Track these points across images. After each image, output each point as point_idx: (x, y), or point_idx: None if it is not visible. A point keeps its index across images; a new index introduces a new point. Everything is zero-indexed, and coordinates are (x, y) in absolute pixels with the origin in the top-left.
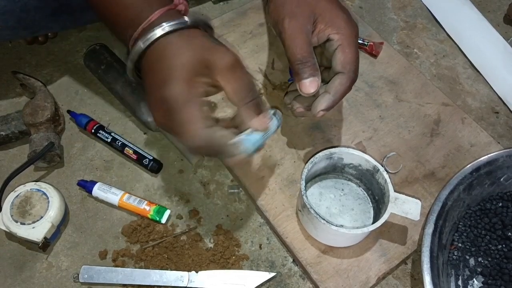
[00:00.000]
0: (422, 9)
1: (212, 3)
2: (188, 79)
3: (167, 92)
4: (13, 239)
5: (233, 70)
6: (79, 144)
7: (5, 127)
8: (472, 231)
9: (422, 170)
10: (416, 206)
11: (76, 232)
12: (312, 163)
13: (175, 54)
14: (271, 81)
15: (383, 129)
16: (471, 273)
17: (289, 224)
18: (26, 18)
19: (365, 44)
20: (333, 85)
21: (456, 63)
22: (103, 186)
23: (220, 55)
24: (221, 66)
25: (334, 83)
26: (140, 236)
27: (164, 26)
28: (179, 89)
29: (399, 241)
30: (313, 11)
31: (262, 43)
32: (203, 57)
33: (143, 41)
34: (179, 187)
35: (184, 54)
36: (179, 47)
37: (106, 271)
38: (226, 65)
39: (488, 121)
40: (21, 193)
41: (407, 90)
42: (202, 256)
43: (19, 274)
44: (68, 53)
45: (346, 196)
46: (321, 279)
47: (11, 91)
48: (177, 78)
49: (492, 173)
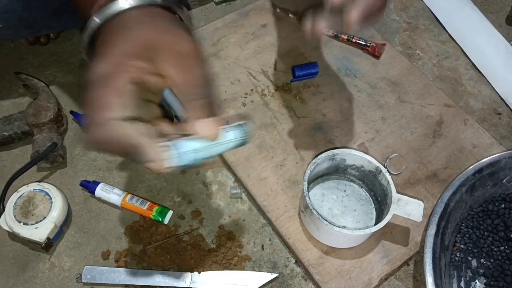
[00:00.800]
0: (424, 10)
1: (214, 4)
2: (118, 59)
3: (93, 67)
4: (16, 240)
5: (186, 58)
6: (81, 144)
7: (8, 128)
8: (474, 232)
9: (424, 171)
10: (419, 207)
11: (78, 232)
12: (314, 164)
13: (123, 30)
14: (273, 82)
15: (386, 130)
16: (474, 275)
17: (292, 225)
18: (27, 18)
19: (367, 45)
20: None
21: (458, 64)
22: (106, 186)
23: (176, 39)
24: (173, 51)
25: None
26: (143, 237)
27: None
28: (105, 66)
29: (401, 242)
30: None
31: (265, 44)
32: (152, 38)
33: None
34: (181, 187)
35: (131, 32)
36: (131, 24)
37: (109, 272)
38: (179, 51)
39: (491, 122)
40: (24, 194)
41: (409, 91)
42: (205, 256)
43: (22, 274)
44: (70, 54)
45: (349, 197)
46: (323, 280)
47: (14, 92)
48: (107, 55)
49: (495, 174)
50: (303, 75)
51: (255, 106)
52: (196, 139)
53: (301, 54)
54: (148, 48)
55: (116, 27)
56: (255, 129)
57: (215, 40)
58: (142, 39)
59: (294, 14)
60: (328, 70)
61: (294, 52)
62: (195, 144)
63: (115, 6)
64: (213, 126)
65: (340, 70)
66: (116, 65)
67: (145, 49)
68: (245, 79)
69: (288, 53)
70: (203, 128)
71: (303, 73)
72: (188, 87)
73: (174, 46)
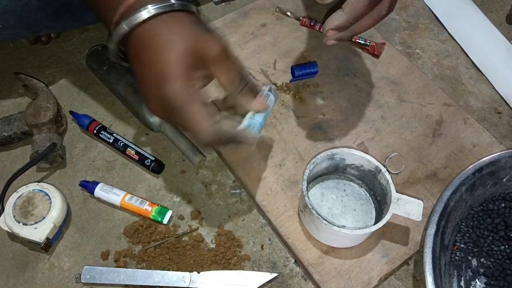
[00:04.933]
0: (424, 9)
1: (214, 4)
2: (186, 76)
3: (166, 91)
4: (15, 240)
5: (224, 60)
6: (81, 144)
7: (8, 128)
8: (474, 231)
9: (424, 170)
10: (418, 206)
11: (78, 232)
12: (314, 163)
13: (167, 46)
14: (273, 81)
15: (385, 130)
16: (474, 274)
17: (291, 225)
18: (27, 18)
19: (367, 44)
20: (349, 2)
21: (458, 63)
22: (105, 186)
23: (210, 45)
24: (213, 56)
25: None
26: (142, 237)
27: (149, 8)
28: (180, 88)
29: (401, 242)
30: None
31: (264, 44)
32: (196, 48)
33: (127, 23)
34: (181, 187)
35: (176, 46)
36: (169, 37)
37: (108, 272)
38: (217, 55)
39: (491, 121)
40: (23, 194)
41: (409, 91)
42: (204, 256)
43: (22, 275)
44: (70, 54)
45: (348, 197)
46: (323, 279)
47: (13, 92)
48: (175, 76)
49: (495, 173)
50: (303, 75)
51: None
52: (257, 114)
53: (301, 54)
54: (196, 58)
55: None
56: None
57: None
58: (188, 51)
59: (292, 13)
60: (328, 70)
61: (293, 52)
62: (259, 118)
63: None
64: (263, 102)
65: (340, 70)
66: (187, 81)
67: (195, 61)
68: None
69: (288, 53)
70: (257, 106)
71: (302, 72)
72: (232, 84)
73: (211, 51)
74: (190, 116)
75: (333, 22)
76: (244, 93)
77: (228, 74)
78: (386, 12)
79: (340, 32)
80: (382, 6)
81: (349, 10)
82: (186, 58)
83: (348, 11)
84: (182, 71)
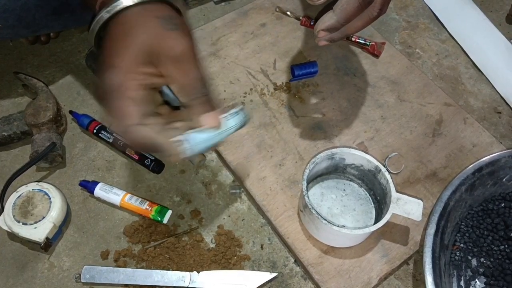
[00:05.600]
0: (424, 8)
1: (213, 4)
2: (129, 68)
3: (104, 77)
4: (15, 239)
5: (183, 62)
6: (81, 144)
7: (7, 128)
8: (474, 231)
9: (424, 170)
10: (418, 206)
11: (78, 232)
12: (313, 163)
13: (127, 35)
14: (273, 81)
15: (385, 129)
16: (473, 274)
17: (291, 225)
18: (26, 17)
19: (367, 44)
20: (339, 3)
21: (458, 63)
22: (105, 186)
23: (170, 44)
24: (173, 55)
25: (341, 0)
26: (142, 237)
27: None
28: (116, 77)
29: (401, 242)
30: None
31: (264, 43)
32: (154, 44)
33: (107, 10)
34: (180, 187)
35: (134, 38)
36: (134, 27)
37: (108, 271)
38: (177, 55)
39: (491, 121)
40: (23, 194)
41: (409, 90)
42: (204, 256)
43: (21, 274)
44: (70, 54)
45: (348, 197)
46: (322, 279)
47: (13, 92)
48: (119, 65)
49: (495, 173)
50: (303, 74)
51: (254, 105)
52: (203, 131)
53: (300, 53)
54: (149, 54)
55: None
56: (255, 129)
57: (214, 39)
58: (144, 45)
59: (292, 13)
60: (328, 69)
61: (293, 51)
62: (203, 135)
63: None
64: (215, 118)
65: (340, 69)
66: (126, 75)
67: (148, 55)
68: (244, 78)
69: (287, 52)
70: (207, 121)
71: (302, 72)
72: (188, 89)
73: (169, 49)
74: (115, 109)
75: (324, 23)
76: (196, 104)
77: (183, 77)
78: (377, 14)
79: (331, 33)
80: (373, 8)
81: (340, 11)
82: (138, 51)
83: (339, 12)
84: (127, 62)
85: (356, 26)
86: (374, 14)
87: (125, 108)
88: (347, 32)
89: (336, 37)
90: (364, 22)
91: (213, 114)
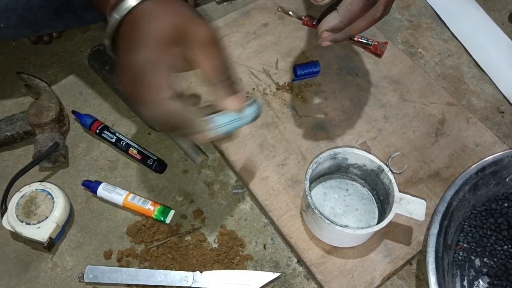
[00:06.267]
0: (426, 8)
1: (215, 3)
2: (159, 45)
3: (135, 55)
4: (18, 239)
5: (212, 45)
6: (83, 144)
7: (10, 128)
8: (477, 231)
9: (427, 170)
10: (421, 206)
11: (81, 232)
12: (316, 163)
13: (151, 19)
14: (275, 81)
15: (388, 129)
16: (477, 274)
17: (294, 225)
18: (28, 17)
19: (369, 43)
20: (343, 3)
21: (461, 62)
22: (108, 186)
23: (200, 27)
24: (200, 39)
25: (345, 1)
26: (145, 236)
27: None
28: (148, 53)
29: (404, 242)
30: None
31: (266, 43)
32: (181, 25)
33: (118, 12)
34: (183, 187)
35: (160, 20)
36: (156, 13)
37: (111, 271)
38: (206, 39)
39: (493, 120)
40: (26, 193)
41: (411, 90)
42: (207, 256)
43: (24, 274)
44: (72, 54)
45: (351, 196)
46: (325, 279)
47: (16, 92)
48: (148, 42)
49: (498, 173)
50: (305, 74)
51: None
52: (226, 114)
53: (303, 53)
54: (177, 35)
55: (141, 18)
56: (257, 129)
57: None
58: (171, 25)
59: (294, 13)
60: (330, 69)
61: (295, 51)
62: (228, 117)
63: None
64: (239, 101)
65: (342, 69)
66: (157, 51)
67: (176, 36)
68: (246, 78)
69: (290, 52)
70: (232, 103)
71: (304, 72)
72: (215, 72)
73: (199, 33)
74: (146, 83)
75: (327, 23)
76: (222, 86)
77: (213, 60)
78: (380, 15)
79: (334, 34)
80: (377, 9)
81: (343, 12)
82: (167, 30)
83: (342, 13)
84: (156, 41)
85: (359, 27)
86: (377, 15)
87: (161, 80)
88: (351, 33)
89: (339, 38)
90: (367, 23)
91: (236, 97)
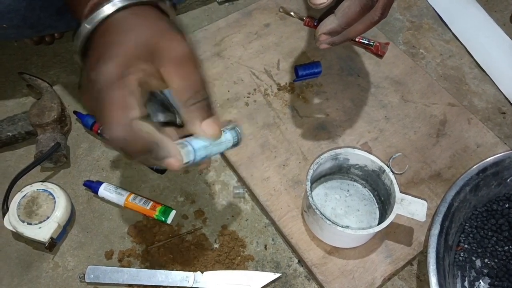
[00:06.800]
0: (428, 9)
1: (217, 4)
2: (124, 60)
3: (97, 70)
4: (20, 239)
5: (186, 63)
6: (85, 144)
7: (12, 128)
8: (478, 232)
9: (428, 171)
10: (422, 207)
11: (82, 232)
12: (317, 163)
13: (123, 31)
14: (276, 81)
15: (389, 130)
16: (478, 275)
17: (295, 225)
18: (31, 17)
19: (370, 44)
20: (341, 7)
21: (462, 63)
22: (109, 186)
23: (172, 45)
24: (174, 56)
25: (343, 4)
26: (146, 237)
27: (115, 1)
28: (110, 69)
29: (405, 242)
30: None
31: (267, 44)
32: (151, 41)
33: (90, 21)
34: (184, 187)
35: (133, 32)
36: (130, 24)
37: (112, 271)
38: (180, 56)
39: (495, 121)
40: (27, 193)
41: (413, 91)
42: (208, 256)
43: (26, 274)
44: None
45: (352, 197)
46: (326, 280)
47: (17, 92)
48: (116, 55)
49: (499, 174)
50: (306, 75)
51: (258, 105)
52: (202, 138)
53: (304, 54)
54: (149, 51)
55: (113, 29)
56: (258, 129)
57: (218, 40)
58: (141, 40)
59: (296, 13)
60: (331, 70)
61: (297, 52)
62: (200, 143)
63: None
64: (215, 126)
65: (343, 70)
66: (125, 66)
67: (147, 51)
68: (248, 78)
69: (291, 53)
70: (205, 128)
71: (306, 72)
72: (188, 92)
73: (171, 50)
74: (107, 102)
75: (325, 26)
76: (196, 108)
77: (186, 79)
78: (378, 18)
79: (332, 37)
80: (375, 12)
81: (341, 15)
82: (133, 45)
83: (340, 16)
84: (121, 54)
85: (357, 30)
86: (375, 19)
87: (127, 99)
88: (349, 36)
89: (337, 41)
90: (365, 26)
91: (212, 121)
